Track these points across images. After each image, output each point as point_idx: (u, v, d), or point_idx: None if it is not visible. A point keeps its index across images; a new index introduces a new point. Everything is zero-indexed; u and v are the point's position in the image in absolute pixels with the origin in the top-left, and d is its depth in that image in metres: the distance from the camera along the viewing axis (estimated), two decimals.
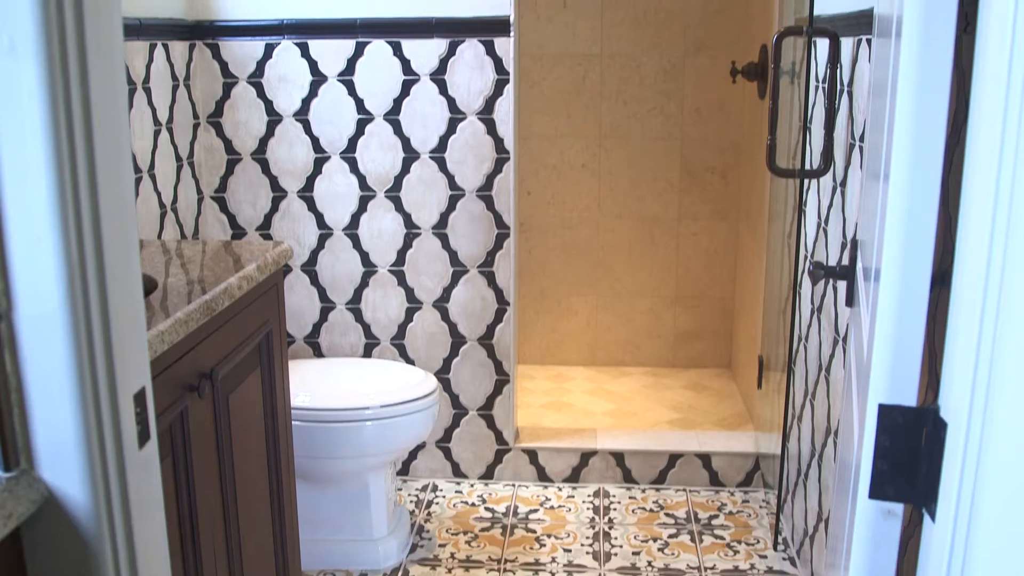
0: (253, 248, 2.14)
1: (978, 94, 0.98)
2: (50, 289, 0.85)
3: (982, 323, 0.92)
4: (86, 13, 0.86)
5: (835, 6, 2.41)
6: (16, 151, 0.82)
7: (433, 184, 3.17)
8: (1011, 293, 0.89)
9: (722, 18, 4.19)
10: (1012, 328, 0.89)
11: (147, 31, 2.78)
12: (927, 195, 1.10)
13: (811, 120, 2.65)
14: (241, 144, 3.20)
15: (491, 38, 3.05)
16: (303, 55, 3.11)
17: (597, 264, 4.43)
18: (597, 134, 4.31)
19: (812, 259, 2.64)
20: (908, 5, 1.11)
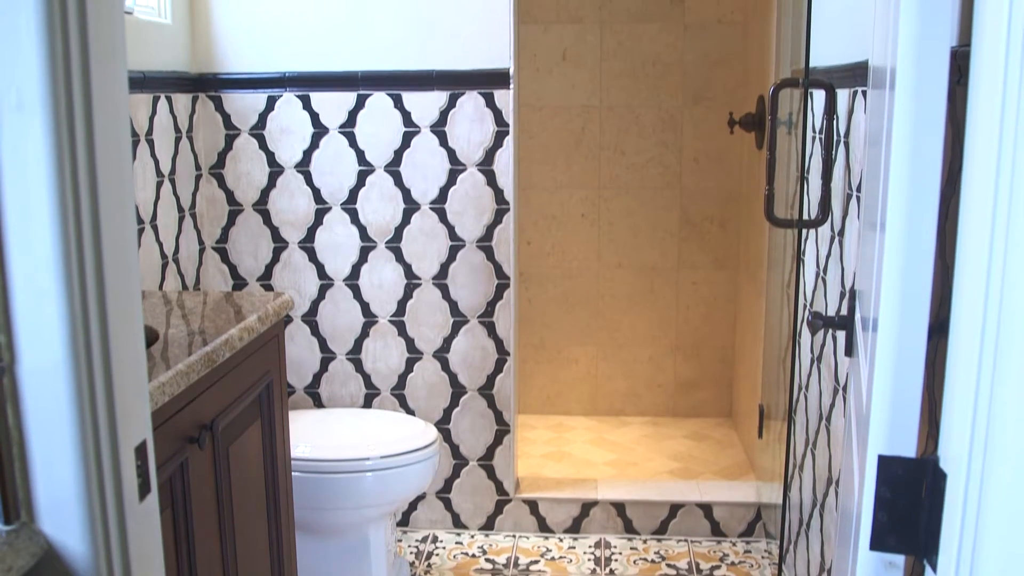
0: (254, 299, 2.14)
1: (971, 146, 0.99)
2: (53, 343, 0.86)
3: (979, 373, 0.92)
4: (92, 69, 0.87)
5: (831, 58, 2.44)
6: (21, 205, 0.83)
7: (433, 235, 3.19)
8: (1008, 343, 0.90)
9: (720, 69, 4.23)
10: (1010, 379, 0.89)
11: (151, 84, 2.81)
12: (923, 245, 1.11)
13: (808, 170, 2.66)
14: (243, 195, 3.22)
15: (491, 90, 3.09)
16: (305, 107, 3.14)
17: (597, 314, 4.44)
18: (596, 184, 4.33)
19: (811, 309, 2.64)
20: (901, 58, 1.12)
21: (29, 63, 0.81)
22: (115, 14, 0.94)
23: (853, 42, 2.24)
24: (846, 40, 2.31)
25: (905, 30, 1.11)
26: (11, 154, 0.82)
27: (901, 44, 1.12)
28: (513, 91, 3.10)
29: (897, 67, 1.13)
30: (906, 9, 1.11)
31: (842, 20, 2.36)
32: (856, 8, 2.21)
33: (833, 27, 2.45)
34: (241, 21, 3.12)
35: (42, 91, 0.81)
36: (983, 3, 0.97)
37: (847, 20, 2.31)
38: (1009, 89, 0.91)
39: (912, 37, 1.10)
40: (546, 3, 4.23)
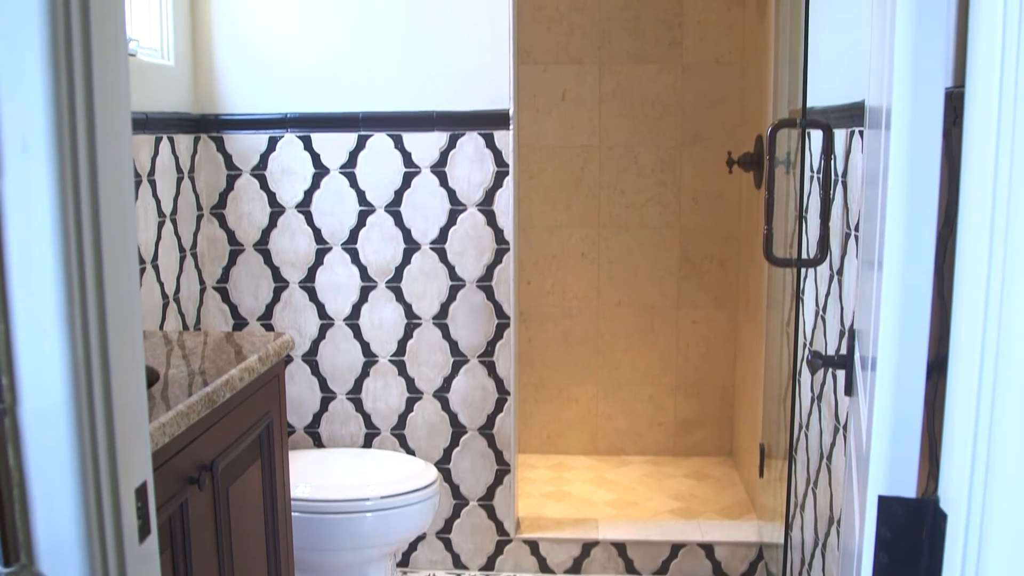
0: (255, 339, 2.15)
1: (967, 186, 1.00)
2: (55, 384, 0.86)
3: (978, 413, 0.92)
4: (97, 112, 0.88)
5: (828, 98, 2.46)
6: (25, 247, 0.83)
7: (434, 275, 3.20)
8: (1006, 382, 0.90)
9: (718, 109, 4.26)
10: (1008, 419, 0.89)
11: (153, 125, 2.83)
12: (920, 285, 1.11)
13: (807, 210, 2.68)
14: (244, 235, 3.23)
15: (491, 131, 3.11)
16: (306, 148, 3.16)
17: (597, 353, 4.44)
18: (596, 224, 4.35)
19: (811, 347, 2.64)
20: (896, 98, 1.13)
21: (35, 107, 0.82)
22: (119, 57, 0.95)
23: (850, 82, 2.25)
24: (843, 80, 2.33)
25: (900, 71, 1.12)
26: (15, 196, 0.82)
27: (896, 85, 1.13)
28: (513, 132, 3.12)
29: (892, 108, 1.14)
30: (901, 50, 1.12)
31: (839, 61, 2.38)
32: (852, 49, 2.23)
33: (830, 68, 2.47)
34: (243, 62, 3.15)
35: (47, 134, 0.82)
36: (976, 45, 0.99)
37: (844, 61, 2.33)
38: (1003, 130, 0.92)
39: (907, 78, 1.12)
40: (545, 45, 4.27)
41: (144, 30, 2.91)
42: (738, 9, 4.21)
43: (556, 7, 4.25)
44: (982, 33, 0.96)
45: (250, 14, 3.13)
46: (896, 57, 1.13)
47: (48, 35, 0.83)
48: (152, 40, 2.94)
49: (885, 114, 1.23)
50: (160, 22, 2.96)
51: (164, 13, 2.97)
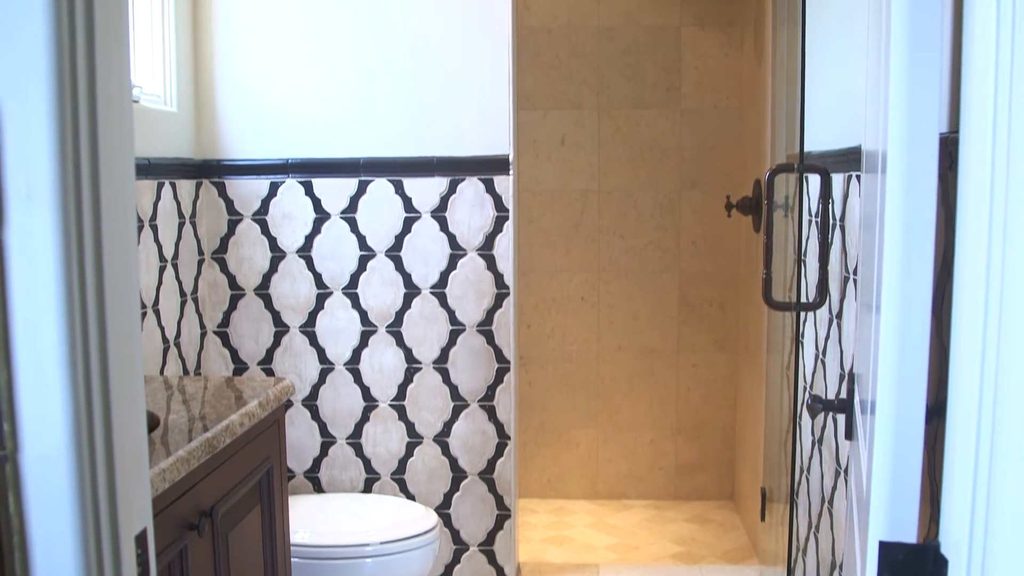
0: (255, 384, 2.15)
1: (963, 230, 1.01)
2: (56, 431, 0.86)
3: (977, 458, 0.92)
4: (101, 161, 0.89)
5: (825, 143, 2.48)
6: (28, 296, 0.84)
7: (434, 319, 3.20)
8: (1005, 427, 0.90)
9: (716, 154, 4.29)
10: (1008, 463, 0.89)
11: (156, 170, 2.85)
12: (917, 329, 1.11)
13: (805, 253, 2.69)
14: (245, 280, 3.24)
15: (491, 176, 3.13)
16: (307, 193, 3.18)
17: (597, 396, 4.43)
18: (596, 267, 4.36)
19: (811, 391, 2.64)
20: (891, 143, 1.14)
21: (40, 155, 0.83)
22: (124, 105, 0.96)
23: (847, 127, 2.27)
24: (840, 125, 2.35)
25: (895, 116, 1.13)
26: (19, 244, 0.83)
27: (891, 130, 1.14)
28: (513, 177, 3.14)
29: (888, 153, 1.15)
30: (895, 96, 1.13)
31: (836, 106, 2.40)
32: (849, 94, 2.25)
33: (827, 113, 2.49)
34: (245, 108, 3.18)
35: (52, 183, 0.83)
36: (970, 91, 1.00)
37: (841, 106, 2.35)
38: (997, 175, 0.93)
39: (902, 123, 1.13)
40: (545, 90, 4.30)
41: (147, 76, 2.94)
42: (736, 55, 4.25)
43: (555, 53, 4.29)
44: (975, 80, 0.97)
45: (252, 61, 3.16)
46: (891, 103, 1.14)
47: (54, 84, 0.84)
48: (155, 86, 2.97)
49: (881, 159, 1.24)
50: (163, 69, 2.99)
51: (167, 60, 3.00)
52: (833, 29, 2.43)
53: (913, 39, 1.10)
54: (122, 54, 0.96)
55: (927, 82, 1.11)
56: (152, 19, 2.94)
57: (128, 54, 0.98)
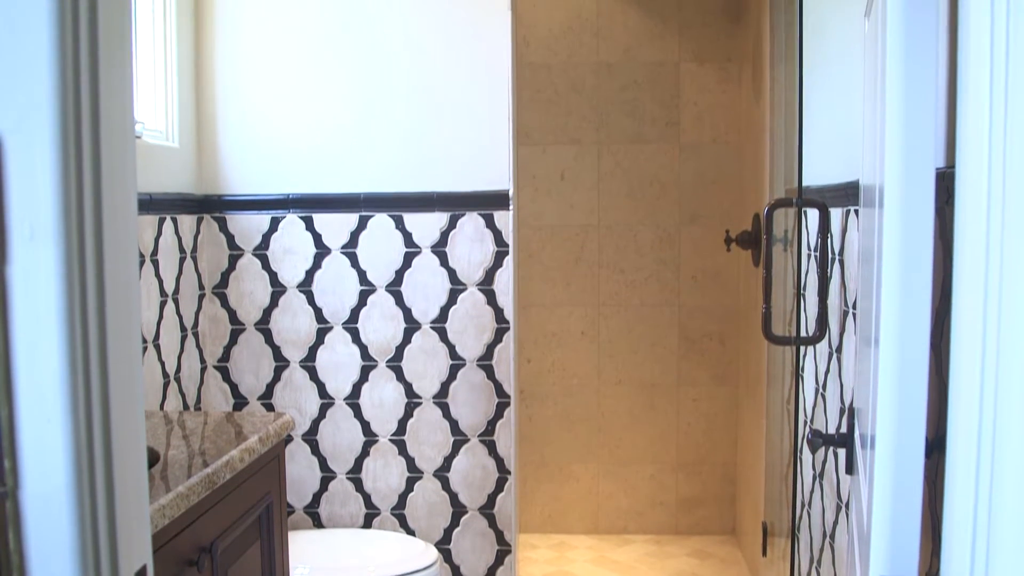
0: (255, 419, 2.15)
1: (960, 265, 1.01)
2: (57, 468, 0.86)
3: (977, 492, 0.92)
4: (104, 198, 0.90)
5: (824, 178, 2.49)
6: (30, 332, 0.84)
7: (434, 354, 3.21)
8: (1005, 461, 0.90)
9: (716, 188, 4.30)
10: (1008, 497, 0.89)
11: (157, 206, 2.86)
12: (916, 363, 1.12)
13: (805, 287, 2.69)
14: (245, 314, 3.25)
15: (491, 211, 3.14)
16: (307, 228, 3.19)
17: (597, 431, 4.42)
18: (596, 302, 4.37)
19: (811, 425, 2.64)
20: (888, 179, 1.15)
21: (44, 194, 0.83)
22: (127, 142, 0.97)
23: (845, 162, 2.29)
24: (838, 160, 2.37)
25: (891, 152, 1.14)
26: (22, 283, 0.84)
27: (887, 166, 1.15)
28: (512, 212, 3.15)
29: (884, 188, 1.16)
30: (891, 132, 1.14)
31: (834, 141, 2.42)
32: (847, 128, 2.26)
33: (825, 148, 2.50)
34: (246, 144, 3.19)
35: (55, 221, 0.84)
36: (965, 128, 1.01)
37: (839, 141, 2.36)
38: (993, 210, 0.93)
39: (898, 159, 1.13)
40: (545, 125, 4.33)
41: (149, 112, 2.96)
42: (734, 90, 4.28)
43: (555, 89, 4.32)
44: (970, 116, 0.98)
45: (254, 97, 3.19)
46: (887, 138, 1.15)
47: (58, 121, 0.85)
48: (157, 122, 2.99)
49: (878, 193, 1.25)
50: (165, 104, 3.01)
51: (169, 95, 3.02)
52: (830, 64, 2.45)
53: (908, 75, 1.11)
54: (125, 90, 0.97)
55: (922, 118, 1.12)
56: (155, 55, 2.97)
57: (132, 90, 0.99)
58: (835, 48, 2.40)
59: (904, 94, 1.12)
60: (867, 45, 1.62)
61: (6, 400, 0.86)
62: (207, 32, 3.18)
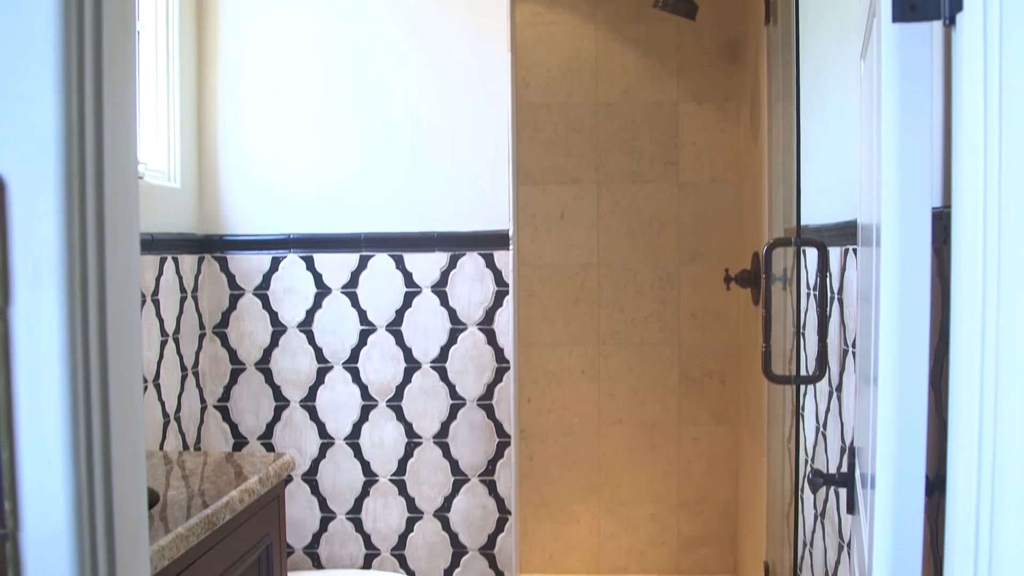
0: (255, 460, 2.14)
1: (957, 306, 1.02)
2: (57, 510, 0.86)
3: (978, 533, 0.92)
4: (107, 239, 0.91)
5: (822, 217, 2.50)
6: (33, 376, 0.85)
7: (434, 394, 3.20)
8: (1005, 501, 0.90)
9: (715, 227, 4.32)
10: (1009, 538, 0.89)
11: (158, 246, 2.87)
12: (915, 403, 1.12)
13: (804, 326, 2.70)
14: (245, 354, 3.25)
15: (491, 251, 3.15)
16: (308, 268, 3.20)
17: (598, 470, 4.41)
18: (596, 341, 4.37)
19: (812, 464, 2.63)
20: (884, 219, 1.16)
21: (47, 236, 0.84)
22: (130, 184, 0.98)
23: (843, 201, 2.30)
24: (836, 199, 2.38)
25: (887, 192, 1.15)
26: (25, 324, 0.84)
27: (884, 205, 1.15)
28: (512, 252, 3.16)
29: (881, 228, 1.17)
30: (887, 172, 1.15)
31: (832, 180, 2.43)
32: (845, 168, 2.27)
33: (824, 187, 2.51)
34: (247, 184, 3.21)
35: (58, 263, 0.84)
36: (960, 168, 1.02)
37: (837, 180, 2.37)
38: (989, 250, 0.94)
39: (894, 199, 1.14)
40: (544, 165, 4.35)
41: (151, 152, 2.98)
42: (732, 130, 4.30)
43: (554, 128, 4.35)
44: (964, 157, 0.99)
45: (255, 136, 3.21)
46: (883, 178, 1.16)
47: (62, 163, 0.86)
48: (159, 162, 3.01)
49: (875, 233, 1.25)
50: (167, 145, 3.03)
51: (171, 136, 3.04)
52: (828, 104, 2.47)
53: (903, 116, 1.12)
54: (129, 131, 0.98)
55: (918, 158, 1.13)
56: (157, 95, 2.99)
57: (135, 131, 1.00)
58: (832, 88, 2.42)
59: (899, 135, 1.13)
60: (863, 86, 1.64)
61: (7, 442, 0.86)
62: (209, 73, 3.21)
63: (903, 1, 1.08)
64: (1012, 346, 0.90)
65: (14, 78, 0.85)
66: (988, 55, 0.94)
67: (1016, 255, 0.91)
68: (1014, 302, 0.91)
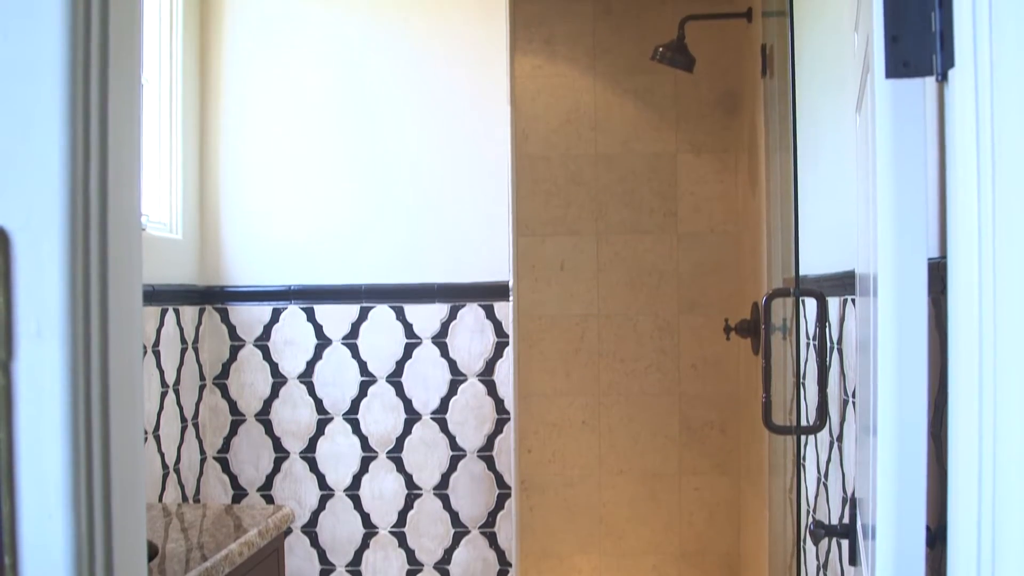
0: (255, 512, 2.14)
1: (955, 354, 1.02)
2: (57, 566, 0.86)
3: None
4: (110, 294, 0.91)
5: (821, 267, 2.51)
6: (34, 431, 0.85)
7: (434, 445, 3.20)
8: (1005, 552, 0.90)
9: (714, 277, 4.33)
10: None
11: (160, 297, 2.88)
12: (914, 454, 1.12)
13: (804, 376, 2.69)
14: (246, 405, 3.25)
15: (491, 302, 3.16)
16: (309, 319, 3.21)
17: (599, 521, 4.38)
18: (596, 391, 4.36)
19: (814, 515, 2.62)
20: (880, 270, 1.16)
21: (51, 292, 0.85)
22: (134, 239, 0.98)
23: (842, 251, 2.31)
24: (835, 250, 2.39)
25: (882, 243, 1.16)
26: (27, 379, 0.84)
27: (880, 256, 1.16)
28: (512, 303, 3.17)
29: (877, 279, 1.17)
30: (883, 223, 1.16)
31: (830, 230, 2.44)
32: (843, 218, 2.29)
33: (822, 237, 2.53)
34: (249, 236, 3.23)
35: (61, 319, 0.85)
36: (955, 220, 1.03)
37: (835, 230, 2.38)
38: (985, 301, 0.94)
39: (889, 250, 1.15)
40: (544, 216, 4.37)
41: (153, 204, 3.00)
42: (731, 180, 4.33)
43: (554, 180, 4.38)
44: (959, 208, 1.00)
45: (256, 189, 3.23)
46: (878, 228, 1.16)
47: (67, 219, 0.86)
48: (161, 214, 3.03)
49: (872, 283, 1.26)
50: (169, 197, 3.05)
51: (173, 187, 3.06)
52: (825, 155, 2.49)
53: (898, 168, 1.13)
54: (133, 187, 0.99)
55: (913, 209, 1.13)
56: (160, 147, 3.02)
57: (139, 187, 1.01)
58: (829, 139, 2.44)
59: (894, 187, 1.14)
60: (858, 138, 1.65)
61: (8, 496, 0.87)
62: (211, 125, 3.24)
63: (896, 57, 1.09)
64: (1010, 397, 0.91)
65: (21, 134, 0.87)
66: (980, 109, 0.95)
67: (1012, 306, 0.92)
68: (1011, 353, 0.91)
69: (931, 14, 1.05)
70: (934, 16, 1.05)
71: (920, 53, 1.08)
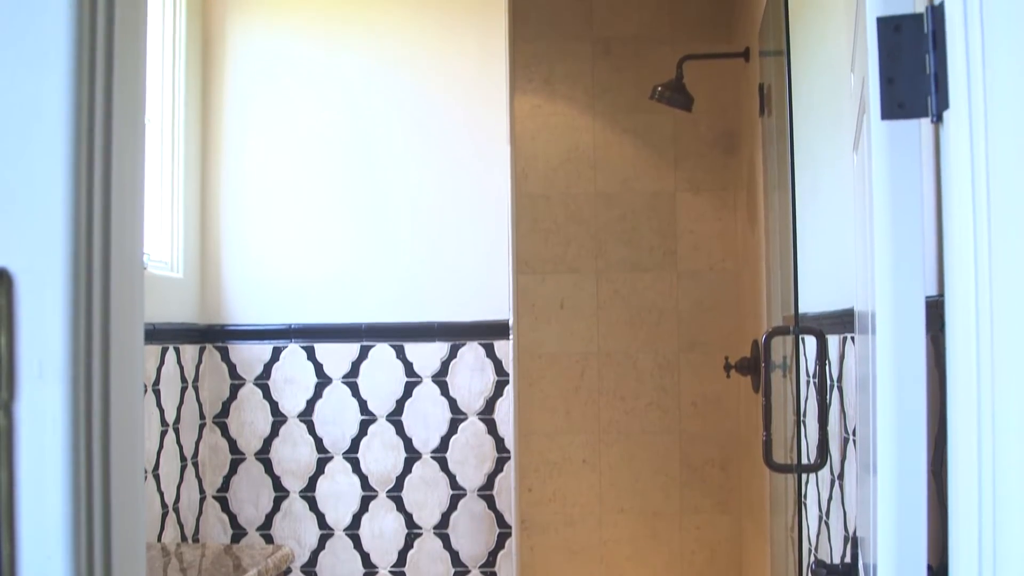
0: (254, 553, 2.13)
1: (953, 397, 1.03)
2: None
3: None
4: (112, 335, 0.92)
5: (821, 305, 2.51)
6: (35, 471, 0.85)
7: (434, 484, 3.18)
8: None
9: (714, 315, 4.34)
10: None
11: (160, 335, 2.88)
12: (914, 492, 1.12)
13: (805, 414, 2.69)
14: (245, 444, 3.24)
15: (491, 341, 3.16)
16: (309, 358, 3.21)
17: (600, 561, 4.36)
18: (596, 429, 4.35)
19: (816, 553, 2.61)
20: (878, 308, 1.17)
21: (53, 334, 0.85)
22: (136, 280, 0.99)
23: (841, 290, 2.31)
24: (834, 288, 2.39)
25: (880, 281, 1.16)
26: (29, 419, 0.85)
27: (878, 295, 1.17)
28: (512, 341, 3.17)
29: (875, 317, 1.18)
30: (880, 262, 1.16)
31: (830, 268, 2.44)
32: (842, 256, 2.29)
33: (822, 275, 2.53)
34: (249, 274, 3.23)
35: (63, 360, 0.85)
36: (951, 258, 1.03)
37: (835, 268, 2.39)
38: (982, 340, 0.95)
39: (887, 288, 1.15)
40: (544, 255, 4.38)
41: (154, 243, 3.00)
42: (730, 218, 4.35)
43: (553, 219, 4.40)
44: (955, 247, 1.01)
45: (257, 228, 3.24)
46: (876, 267, 1.17)
47: (70, 261, 0.87)
48: (161, 253, 3.03)
49: (871, 320, 1.26)
50: (170, 235, 3.06)
51: (175, 226, 3.07)
52: (823, 193, 2.50)
53: (895, 208, 1.14)
54: (136, 225, 1.00)
55: (910, 248, 1.14)
56: (161, 185, 3.03)
57: (142, 229, 1.02)
58: (827, 177, 2.45)
59: (891, 227, 1.15)
60: (855, 177, 1.67)
61: (8, 537, 0.87)
62: (213, 164, 3.26)
63: (891, 99, 1.10)
64: (1009, 434, 0.91)
65: (25, 176, 0.87)
66: (975, 150, 0.96)
67: (1009, 343, 0.92)
68: (1009, 390, 0.91)
69: (926, 56, 1.07)
70: (929, 58, 1.06)
71: (915, 95, 1.09)
